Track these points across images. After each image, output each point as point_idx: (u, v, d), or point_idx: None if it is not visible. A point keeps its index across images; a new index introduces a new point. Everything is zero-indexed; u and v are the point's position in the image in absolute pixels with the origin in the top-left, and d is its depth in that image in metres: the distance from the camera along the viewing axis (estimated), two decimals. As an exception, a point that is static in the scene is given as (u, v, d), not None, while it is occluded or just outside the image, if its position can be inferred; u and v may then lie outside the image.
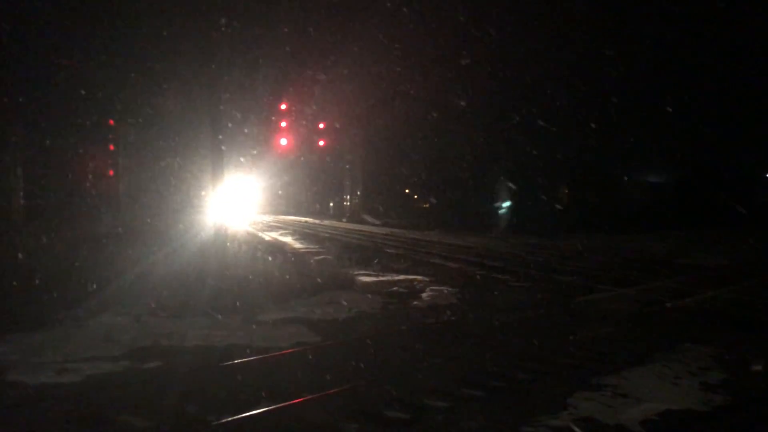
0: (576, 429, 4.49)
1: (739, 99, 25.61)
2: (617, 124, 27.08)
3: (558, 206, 28.81)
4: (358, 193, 44.77)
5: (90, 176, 21.47)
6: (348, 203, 48.66)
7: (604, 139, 28.03)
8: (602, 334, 7.37)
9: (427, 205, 37.95)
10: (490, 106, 27.33)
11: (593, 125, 26.29)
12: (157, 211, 17.56)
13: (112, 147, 22.10)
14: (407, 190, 40.53)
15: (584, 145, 27.73)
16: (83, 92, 17.24)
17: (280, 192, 43.92)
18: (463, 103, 26.59)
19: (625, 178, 33.02)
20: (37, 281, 9.73)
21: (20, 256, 11.85)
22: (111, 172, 22.28)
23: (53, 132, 18.38)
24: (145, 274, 10.80)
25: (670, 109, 25.05)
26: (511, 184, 28.91)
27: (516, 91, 27.25)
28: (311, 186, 43.18)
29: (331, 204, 49.94)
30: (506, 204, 30.24)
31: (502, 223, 28.77)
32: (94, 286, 9.69)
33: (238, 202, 32.86)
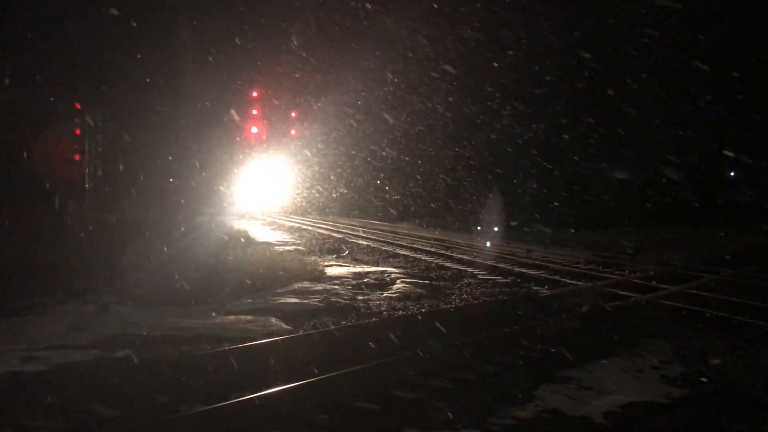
0: None
1: (702, 98, 26.22)
2: (584, 119, 27.53)
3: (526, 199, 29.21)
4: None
5: (53, 162, 20.77)
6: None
7: (572, 134, 28.49)
8: (568, 327, 7.53)
9: (399, 197, 38.02)
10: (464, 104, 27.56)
11: (561, 120, 26.73)
12: (129, 201, 17.14)
13: (78, 131, 21.47)
14: (378, 181, 40.49)
15: (554, 139, 28.15)
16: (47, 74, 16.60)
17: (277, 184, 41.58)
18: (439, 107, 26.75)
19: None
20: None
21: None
22: (77, 157, 21.66)
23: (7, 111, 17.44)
24: (112, 264, 10.65)
25: (633, 111, 25.59)
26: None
27: (485, 84, 27.54)
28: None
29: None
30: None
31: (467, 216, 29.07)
32: (60, 276, 9.52)
33: (237, 196, 31.80)
